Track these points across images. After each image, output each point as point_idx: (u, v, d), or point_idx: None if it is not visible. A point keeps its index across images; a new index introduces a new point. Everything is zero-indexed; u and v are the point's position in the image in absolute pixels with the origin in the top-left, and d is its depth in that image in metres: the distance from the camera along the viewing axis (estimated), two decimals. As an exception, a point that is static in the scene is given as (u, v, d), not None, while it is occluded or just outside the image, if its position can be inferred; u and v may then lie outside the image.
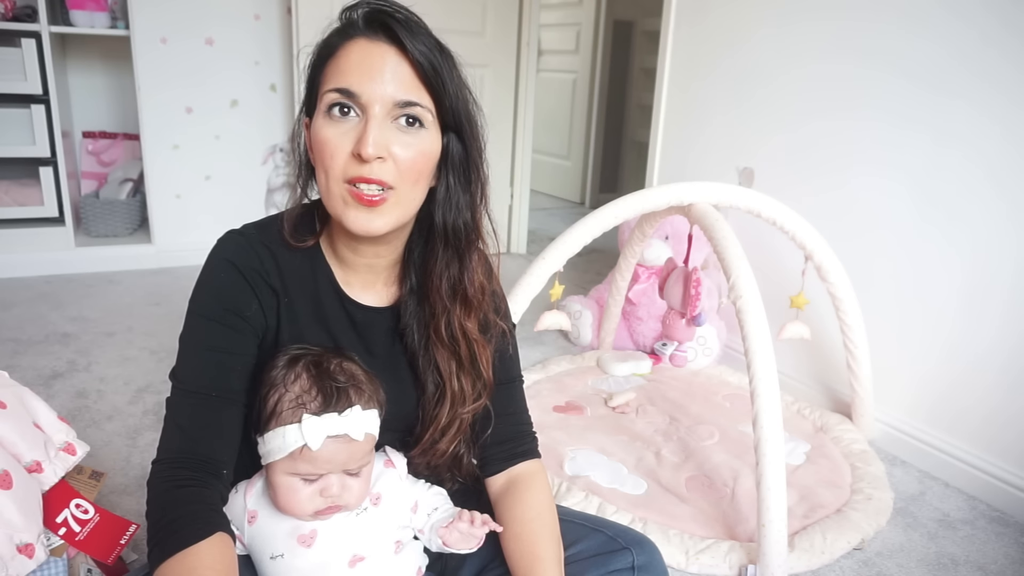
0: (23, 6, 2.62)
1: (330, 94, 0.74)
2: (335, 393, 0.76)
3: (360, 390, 0.78)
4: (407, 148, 0.75)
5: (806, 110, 2.00)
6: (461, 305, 0.85)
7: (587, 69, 4.60)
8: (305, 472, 0.76)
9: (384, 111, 0.73)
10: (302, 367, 0.78)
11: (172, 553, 0.68)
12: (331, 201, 0.77)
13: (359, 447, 0.77)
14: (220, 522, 0.73)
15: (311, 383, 0.77)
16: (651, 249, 2.22)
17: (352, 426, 0.75)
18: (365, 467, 0.80)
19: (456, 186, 0.82)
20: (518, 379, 0.97)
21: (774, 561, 1.26)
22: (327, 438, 0.74)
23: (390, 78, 0.73)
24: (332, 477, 0.77)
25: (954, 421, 1.73)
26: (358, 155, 0.73)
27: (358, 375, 0.80)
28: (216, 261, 0.81)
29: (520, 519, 0.87)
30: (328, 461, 0.76)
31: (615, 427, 1.83)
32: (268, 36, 2.98)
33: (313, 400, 0.76)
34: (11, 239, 2.76)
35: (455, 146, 0.80)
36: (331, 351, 0.81)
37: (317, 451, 0.74)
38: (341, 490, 0.77)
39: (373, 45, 0.74)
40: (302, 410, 0.75)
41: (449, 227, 0.82)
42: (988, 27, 1.58)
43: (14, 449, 0.97)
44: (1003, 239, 1.60)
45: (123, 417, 1.77)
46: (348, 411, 0.75)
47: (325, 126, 0.75)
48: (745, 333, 1.36)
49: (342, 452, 0.76)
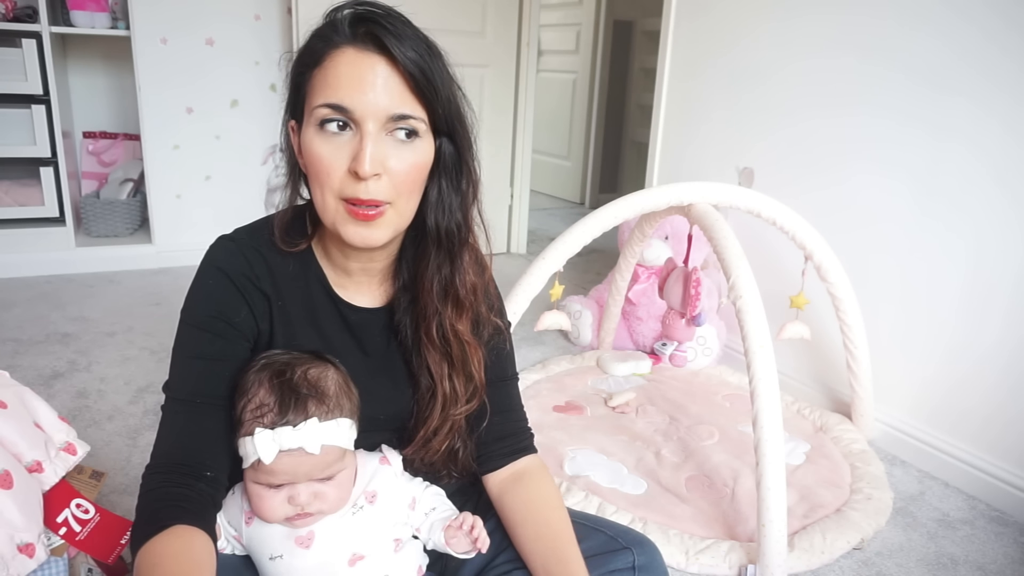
0: (23, 6, 2.62)
1: (321, 109, 0.72)
2: (291, 405, 0.74)
3: (322, 401, 0.75)
4: (403, 161, 0.74)
5: (806, 108, 2.00)
6: (453, 306, 0.85)
7: (587, 69, 4.60)
8: (266, 482, 0.75)
9: (378, 125, 0.72)
10: (266, 375, 0.76)
11: (135, 549, 0.71)
12: (327, 215, 0.76)
13: (321, 458, 0.75)
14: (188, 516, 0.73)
15: (270, 393, 0.75)
16: (651, 249, 2.22)
17: (307, 439, 0.73)
18: (340, 473, 0.78)
19: (448, 188, 0.81)
20: (514, 377, 0.97)
21: (774, 561, 1.26)
22: (280, 452, 0.73)
23: (382, 91, 0.72)
24: (299, 486, 0.75)
25: (956, 421, 1.73)
26: (354, 172, 0.72)
27: (324, 385, 0.77)
28: (205, 269, 0.81)
29: (534, 501, 0.88)
30: (286, 473, 0.74)
31: (615, 427, 1.83)
32: (268, 36, 2.98)
33: (270, 411, 0.74)
34: (11, 239, 2.76)
35: (447, 149, 0.79)
36: (309, 357, 0.80)
37: (271, 464, 0.73)
38: (312, 498, 0.76)
39: (362, 56, 0.72)
40: (257, 423, 0.74)
41: (442, 230, 0.82)
42: (988, 23, 1.58)
43: (14, 449, 0.97)
44: (1005, 238, 1.60)
45: (123, 417, 1.77)
46: (303, 424, 0.73)
47: (318, 141, 0.73)
48: (745, 333, 1.36)
49: (302, 464, 0.74)
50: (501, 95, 3.30)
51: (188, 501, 0.74)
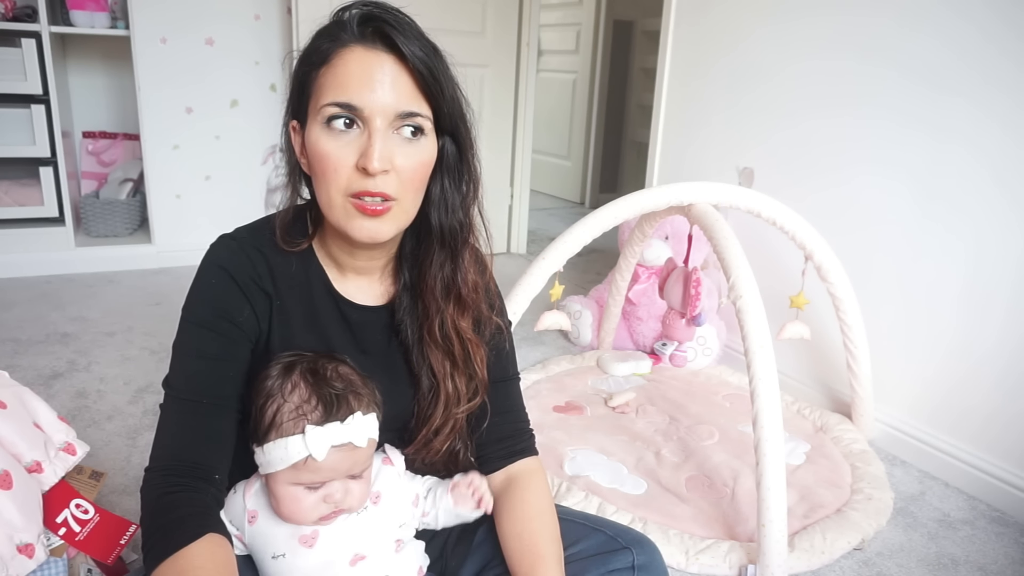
0: (23, 6, 2.62)
1: (329, 107, 0.73)
2: (335, 401, 0.75)
3: (359, 395, 0.77)
4: (409, 159, 0.75)
5: (806, 108, 2.00)
6: (455, 305, 0.85)
7: (587, 69, 4.60)
8: (309, 481, 0.76)
9: (386, 123, 0.73)
10: (298, 375, 0.77)
11: (163, 559, 0.69)
12: (333, 212, 0.76)
13: (362, 452, 0.77)
14: (211, 524, 0.73)
15: (310, 392, 0.76)
16: (651, 249, 2.23)
17: (355, 433, 0.75)
18: (366, 470, 0.80)
19: (450, 187, 0.82)
20: (515, 377, 0.97)
21: (774, 561, 1.26)
22: (331, 447, 0.74)
23: (390, 88, 0.73)
24: (335, 483, 0.76)
25: (956, 421, 1.73)
26: (363, 168, 0.72)
27: (354, 380, 0.79)
28: (208, 267, 0.81)
29: (520, 518, 0.87)
30: (332, 469, 0.75)
31: (615, 427, 1.83)
32: (268, 36, 2.98)
33: (314, 410, 0.75)
34: (11, 239, 2.76)
35: (450, 148, 0.80)
36: (323, 356, 0.80)
37: (322, 461, 0.74)
38: (344, 495, 0.77)
39: (371, 54, 0.73)
40: (303, 420, 0.74)
41: (445, 229, 0.82)
42: (988, 24, 1.58)
43: (14, 449, 0.97)
44: (1005, 238, 1.60)
45: (123, 417, 1.77)
46: (350, 418, 0.75)
47: (325, 139, 0.74)
48: (745, 333, 1.36)
49: (346, 460, 0.76)
50: (501, 95, 3.30)
51: (204, 507, 0.74)
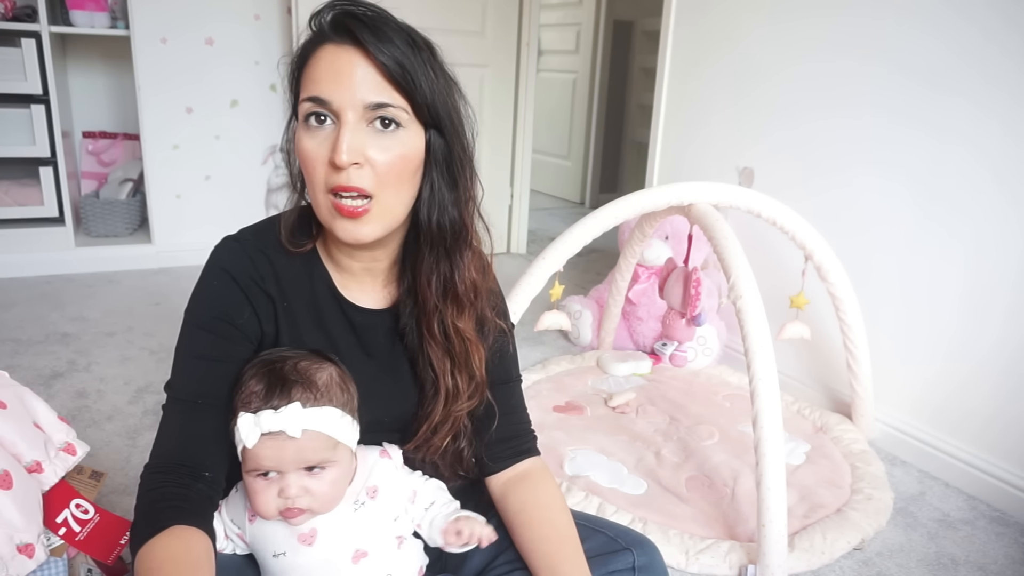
0: (23, 6, 2.62)
1: (304, 104, 0.74)
2: (277, 390, 0.75)
3: (308, 388, 0.76)
4: (384, 151, 0.74)
5: (806, 108, 2.00)
6: (452, 304, 0.85)
7: (587, 69, 4.60)
8: (255, 469, 0.76)
9: (357, 116, 0.73)
10: (258, 367, 0.78)
11: (135, 549, 0.72)
12: (320, 211, 0.78)
13: (304, 444, 0.75)
14: (187, 517, 0.73)
15: (258, 381, 0.76)
16: (651, 249, 2.22)
17: (287, 423, 0.73)
18: (331, 468, 0.77)
19: (440, 183, 0.81)
20: (518, 379, 0.97)
21: (774, 561, 1.26)
22: (262, 435, 0.74)
23: (360, 82, 0.73)
24: (290, 477, 0.76)
25: (956, 422, 1.73)
26: (333, 163, 0.73)
27: (313, 375, 0.77)
28: (210, 269, 0.82)
29: (538, 503, 0.88)
30: (270, 459, 0.75)
31: (615, 427, 1.83)
32: (268, 36, 2.98)
33: (257, 398, 0.75)
34: (11, 239, 2.75)
35: (436, 142, 0.79)
36: (308, 354, 0.80)
37: (254, 449, 0.74)
38: (301, 491, 0.76)
39: (340, 50, 0.73)
40: (243, 408, 0.75)
41: (434, 225, 0.81)
42: (988, 23, 1.58)
43: (14, 449, 0.97)
44: (1006, 239, 1.60)
45: (123, 417, 1.77)
46: (284, 408, 0.74)
47: (303, 137, 0.75)
48: (745, 333, 1.36)
49: (285, 449, 0.74)
50: (501, 95, 3.30)
51: (186, 501, 0.75)
